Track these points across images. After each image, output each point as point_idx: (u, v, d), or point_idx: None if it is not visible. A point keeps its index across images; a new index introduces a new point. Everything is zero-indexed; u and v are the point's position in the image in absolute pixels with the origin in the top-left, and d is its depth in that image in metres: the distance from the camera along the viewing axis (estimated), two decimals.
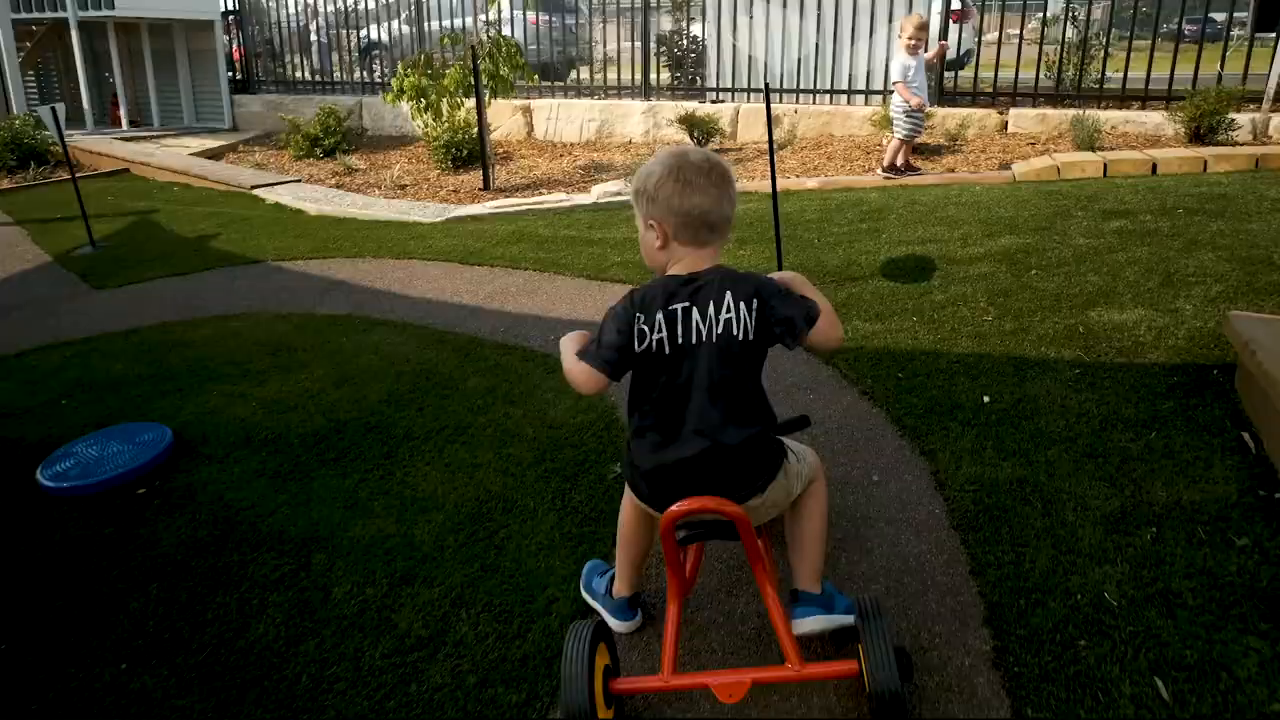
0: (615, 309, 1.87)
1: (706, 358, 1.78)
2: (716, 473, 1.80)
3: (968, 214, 5.64)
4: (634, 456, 1.91)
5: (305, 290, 5.36)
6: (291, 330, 4.63)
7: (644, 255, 1.94)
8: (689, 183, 1.81)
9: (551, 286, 5.14)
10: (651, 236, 1.86)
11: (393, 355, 4.20)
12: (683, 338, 1.79)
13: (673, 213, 1.82)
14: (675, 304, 1.79)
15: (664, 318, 1.79)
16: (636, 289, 1.87)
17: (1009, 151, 7.56)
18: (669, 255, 1.86)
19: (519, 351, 4.14)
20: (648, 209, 1.85)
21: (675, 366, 1.80)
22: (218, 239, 6.71)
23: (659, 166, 1.85)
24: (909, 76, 6.80)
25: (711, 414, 1.79)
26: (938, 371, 3.49)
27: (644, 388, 1.86)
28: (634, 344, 1.80)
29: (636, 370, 1.86)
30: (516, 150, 10.07)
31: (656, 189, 1.83)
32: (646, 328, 1.80)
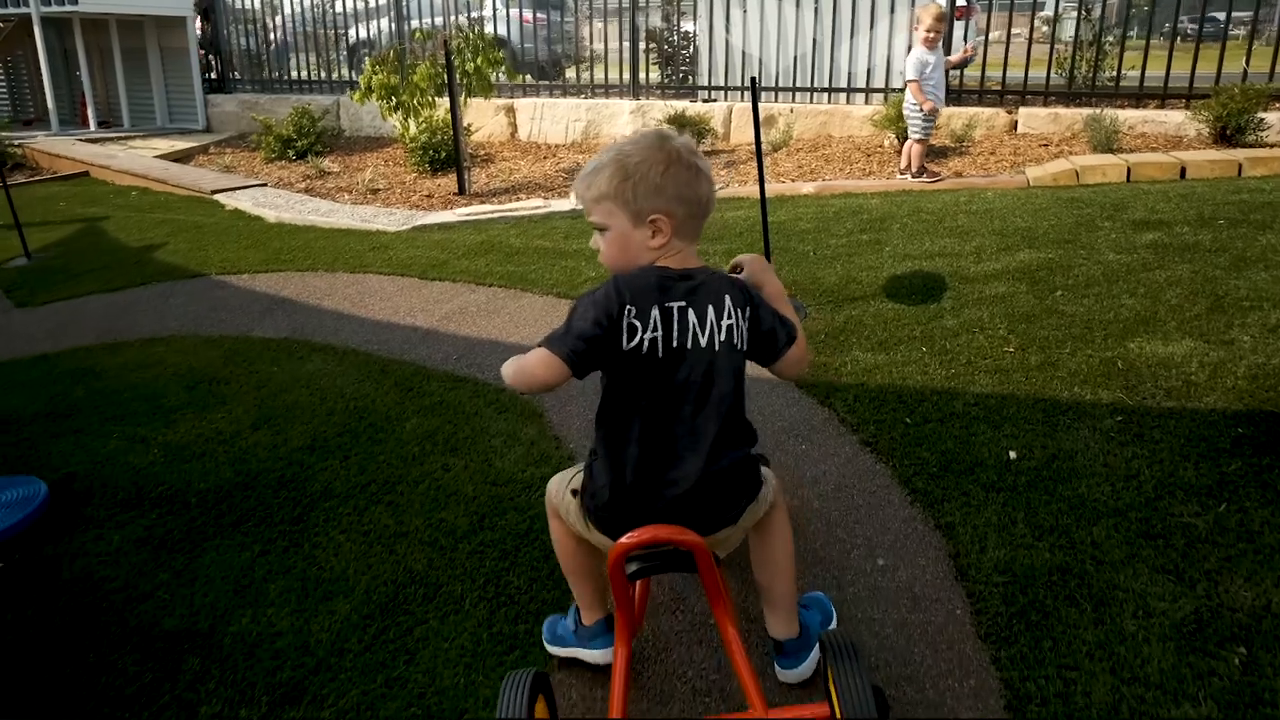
0: (594, 296, 1.59)
1: (706, 367, 1.57)
2: (702, 499, 1.61)
3: (980, 224, 5.10)
4: (601, 476, 1.66)
5: (244, 309, 4.83)
6: (219, 358, 4.10)
7: (618, 262, 1.65)
8: (694, 166, 1.61)
9: (516, 306, 4.61)
10: (645, 235, 1.60)
11: (326, 389, 3.67)
12: (678, 341, 1.56)
13: (684, 201, 1.59)
14: (671, 301, 1.57)
15: (660, 315, 1.55)
16: (621, 275, 1.60)
17: (1020, 154, 7.03)
18: (660, 255, 1.62)
19: (469, 385, 3.61)
20: (645, 201, 1.58)
21: (668, 373, 1.57)
22: (163, 249, 6.18)
23: (649, 150, 1.60)
24: (925, 74, 6.23)
25: (706, 431, 1.59)
26: (953, 417, 2.96)
27: (625, 395, 1.61)
28: (621, 340, 1.55)
29: (616, 373, 1.61)
30: (498, 152, 9.55)
31: (661, 176, 1.58)
32: (638, 323, 1.55)
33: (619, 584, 1.61)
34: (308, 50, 11.96)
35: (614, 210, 1.61)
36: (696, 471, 1.58)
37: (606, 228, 1.64)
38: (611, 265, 1.66)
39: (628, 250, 1.63)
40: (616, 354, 1.56)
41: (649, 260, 1.62)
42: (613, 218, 1.62)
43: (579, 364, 1.58)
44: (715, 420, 1.59)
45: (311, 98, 11.34)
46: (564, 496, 1.82)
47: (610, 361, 1.58)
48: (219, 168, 9.62)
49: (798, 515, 2.52)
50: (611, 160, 1.62)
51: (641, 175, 1.58)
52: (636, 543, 1.52)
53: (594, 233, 1.68)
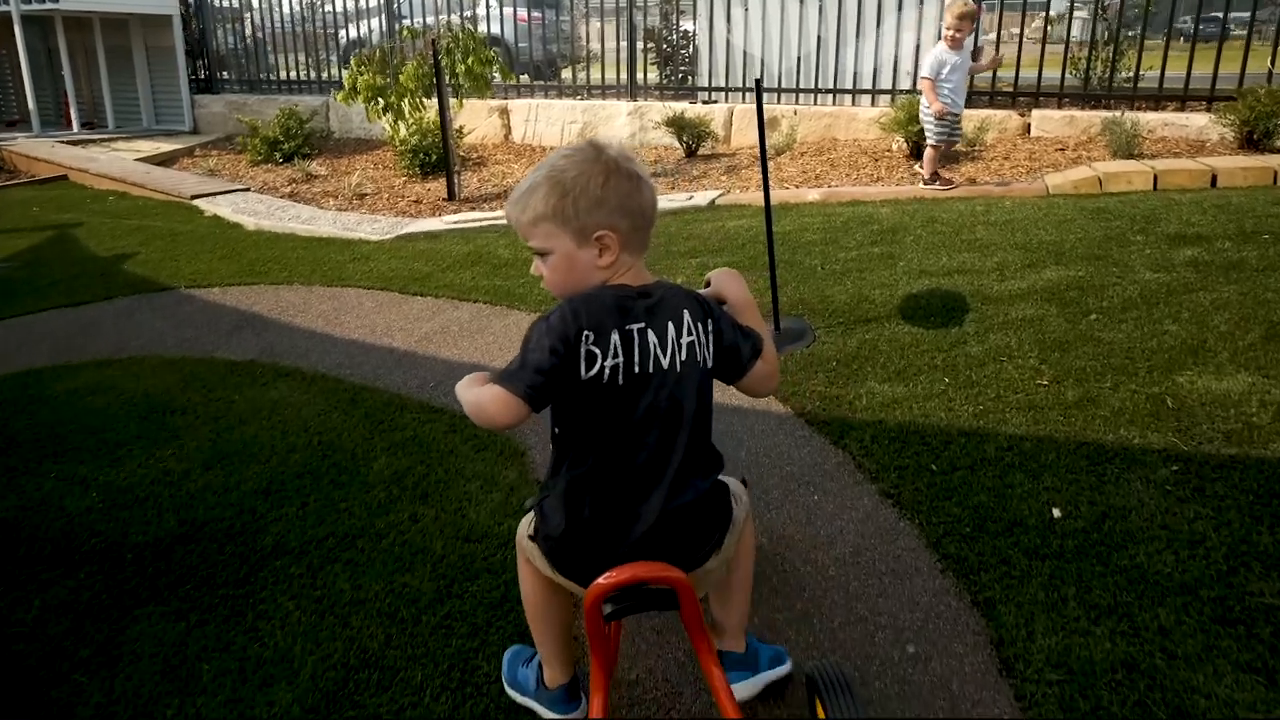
0: (548, 323, 1.47)
1: (669, 391, 1.47)
2: (669, 534, 1.50)
3: (1001, 236, 4.76)
4: (555, 514, 1.54)
5: (212, 326, 4.51)
6: (177, 383, 3.77)
7: (566, 287, 1.52)
8: (634, 175, 1.49)
9: (501, 324, 4.29)
10: (591, 255, 1.48)
11: (289, 421, 3.34)
12: (640, 366, 1.46)
13: (628, 213, 1.48)
14: (631, 323, 1.46)
15: (620, 340, 1.45)
16: (574, 297, 1.48)
17: (1036, 158, 6.70)
18: (610, 274, 1.50)
19: (445, 417, 3.28)
20: (588, 216, 1.46)
21: (629, 401, 1.47)
22: (134, 260, 5.85)
23: (585, 163, 1.48)
24: (941, 74, 5.87)
25: (670, 461, 1.49)
26: (984, 463, 2.63)
27: (582, 426, 1.50)
28: (578, 369, 1.44)
29: (572, 404, 1.49)
30: (491, 155, 9.23)
31: (602, 188, 1.46)
32: (597, 349, 1.44)
33: (595, 627, 1.48)
34: (296, 50, 11.63)
35: (554, 231, 1.48)
36: (660, 505, 1.48)
37: (548, 251, 1.50)
38: (560, 291, 1.53)
39: (574, 272, 1.50)
40: (574, 383, 1.45)
41: (599, 281, 1.50)
42: (554, 239, 1.48)
43: (538, 399, 1.46)
44: (680, 448, 1.49)
45: (301, 98, 11.02)
46: (526, 541, 1.69)
47: (567, 391, 1.47)
48: (203, 171, 9.30)
49: (812, 583, 2.20)
50: (545, 178, 1.48)
51: (580, 189, 1.45)
52: (616, 583, 1.41)
53: (535, 257, 1.55)
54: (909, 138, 6.88)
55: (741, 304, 1.64)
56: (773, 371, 1.61)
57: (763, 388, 1.62)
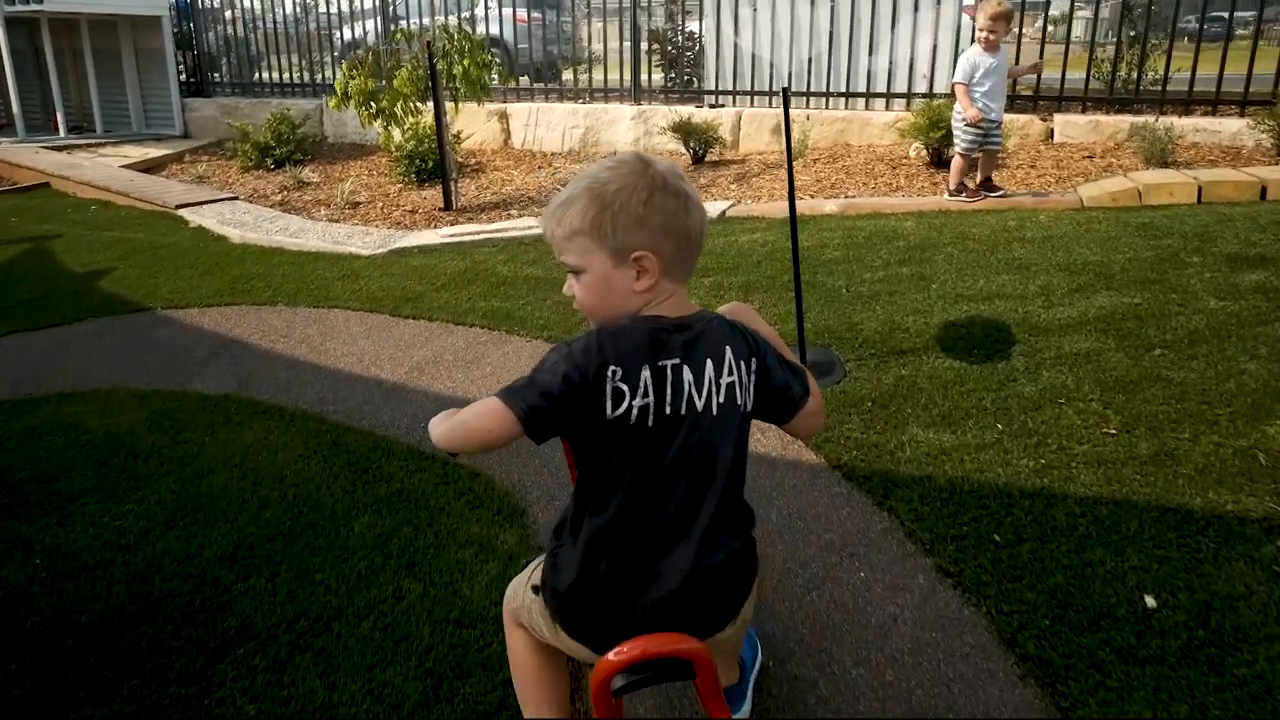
0: (571, 347, 1.33)
1: (703, 436, 1.33)
2: (692, 599, 1.35)
3: (1040, 255, 4.40)
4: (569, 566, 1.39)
5: (187, 353, 4.17)
6: (143, 422, 3.43)
7: (599, 310, 1.38)
8: (682, 193, 1.35)
9: (500, 353, 3.95)
10: (628, 277, 1.34)
11: (263, 470, 3.00)
12: (672, 406, 1.32)
13: (672, 235, 1.34)
14: (665, 359, 1.32)
15: (651, 377, 1.31)
16: (604, 328, 1.35)
17: (1064, 166, 6.36)
18: (649, 299, 1.36)
19: (436, 466, 2.94)
20: (626, 235, 1.32)
21: (658, 446, 1.33)
22: (110, 276, 5.51)
23: (629, 176, 1.34)
24: (975, 78, 5.51)
25: (701, 514, 1.34)
26: (1055, 533, 2.29)
27: (605, 471, 1.35)
28: (603, 407, 1.30)
29: (595, 445, 1.35)
30: (490, 161, 8.90)
31: (644, 205, 1.31)
32: (625, 387, 1.30)
33: (604, 705, 1.33)
34: (290, 52, 11.29)
35: (590, 248, 1.34)
36: (687, 564, 1.34)
37: (582, 270, 1.37)
38: (591, 314, 1.40)
39: (609, 296, 1.36)
40: (598, 423, 1.31)
41: (636, 307, 1.36)
42: (589, 257, 1.35)
43: (536, 424, 1.31)
44: (712, 500, 1.35)
45: (294, 101, 10.68)
46: (524, 596, 1.55)
47: (588, 431, 1.33)
48: (191, 178, 8.96)
49: (868, 691, 1.85)
50: (585, 190, 1.35)
51: (621, 205, 1.32)
52: (627, 660, 1.28)
53: (568, 276, 1.41)
54: (929, 144, 6.54)
55: (770, 340, 1.48)
56: (820, 408, 1.50)
57: (811, 427, 1.51)
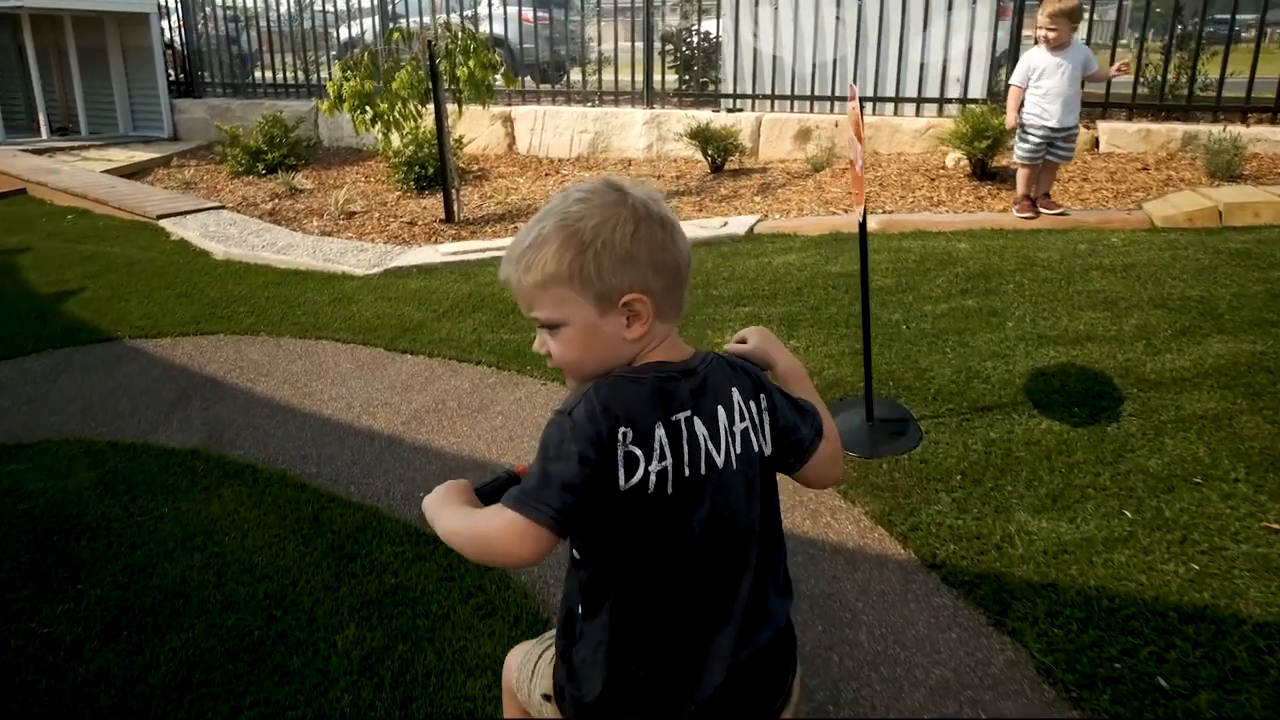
0: (571, 420, 1.10)
1: (728, 496, 1.14)
2: (747, 688, 1.17)
3: (1127, 288, 3.86)
4: (594, 676, 1.16)
5: (153, 395, 3.66)
6: (94, 487, 2.92)
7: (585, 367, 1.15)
8: (666, 221, 1.15)
9: (511, 399, 3.43)
10: (617, 325, 1.13)
11: (230, 556, 2.49)
12: (691, 467, 1.12)
13: (662, 271, 1.14)
14: (677, 412, 1.12)
15: (666, 435, 1.10)
16: (601, 384, 1.12)
17: (1119, 180, 5.85)
18: (641, 347, 1.15)
19: (438, 554, 2.42)
20: (614, 276, 1.10)
21: (682, 514, 1.12)
22: (77, 298, 5.00)
23: (607, 208, 1.12)
24: (1032, 79, 4.98)
25: (740, 589, 1.15)
26: (1238, 676, 1.78)
27: (623, 552, 1.14)
28: (615, 478, 1.08)
29: (608, 523, 1.11)
30: (494, 167, 8.39)
31: (631, 239, 1.11)
32: (639, 450, 1.09)
33: None
34: (284, 51, 10.77)
35: (569, 297, 1.12)
36: (731, 649, 1.14)
37: (561, 323, 1.14)
38: (575, 372, 1.18)
39: (595, 349, 1.15)
40: (611, 496, 1.08)
41: (627, 357, 1.15)
42: (569, 308, 1.13)
43: (567, 525, 1.08)
44: (750, 571, 1.15)
45: (288, 103, 10.17)
46: (532, 696, 1.34)
47: (599, 508, 1.09)
48: (178, 184, 8.46)
49: None
50: (557, 228, 1.13)
51: (604, 242, 1.11)
52: None
53: (538, 330, 1.19)
54: (973, 155, 6.03)
55: (792, 372, 1.33)
56: (836, 455, 1.29)
57: (828, 476, 1.30)
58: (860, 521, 2.41)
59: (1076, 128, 5.14)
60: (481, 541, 1.14)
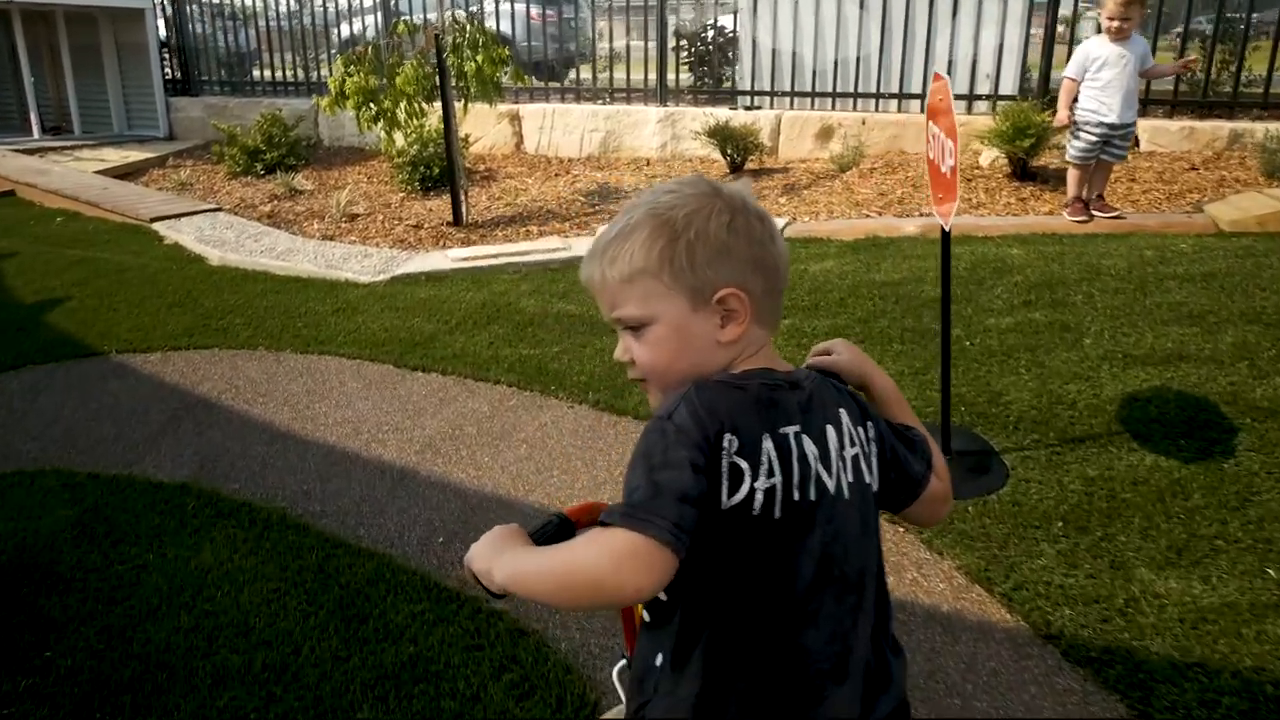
0: (672, 424, 0.93)
1: (838, 529, 0.97)
2: None
3: (1212, 300, 3.51)
4: None
5: (140, 418, 3.33)
6: (71, 528, 2.59)
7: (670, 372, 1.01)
8: (765, 216, 1.03)
9: (536, 424, 3.10)
10: (709, 325, 0.99)
11: (224, 616, 2.16)
12: (801, 490, 0.95)
13: (762, 269, 1.01)
14: (784, 425, 0.96)
15: (775, 449, 0.94)
16: (700, 385, 0.96)
17: (1169, 180, 5.53)
18: (736, 354, 1.01)
19: (464, 613, 2.09)
20: (710, 269, 0.98)
21: (791, 546, 0.95)
22: (63, 308, 4.67)
23: (701, 198, 1.01)
24: (1088, 71, 4.63)
25: (854, 641, 0.98)
26: None
27: (719, 590, 0.96)
28: (720, 493, 0.92)
29: (705, 549, 0.92)
30: (501, 167, 8.06)
31: (729, 231, 0.99)
32: (744, 463, 0.93)
33: None
34: (283, 49, 10.43)
35: (659, 291, 0.99)
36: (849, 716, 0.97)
37: (648, 321, 1.00)
38: (661, 380, 1.01)
39: (686, 353, 1.00)
40: (711, 517, 0.91)
41: (720, 365, 1.00)
42: (658, 303, 0.99)
43: (686, 543, 0.89)
44: (866, 620, 0.99)
45: (287, 101, 9.84)
46: None
47: (701, 531, 0.91)
48: (173, 185, 8.13)
49: None
50: (647, 215, 1.00)
51: (698, 231, 0.98)
52: None
53: (620, 334, 1.03)
54: (1013, 155, 5.70)
55: (891, 394, 1.14)
56: (947, 494, 1.12)
57: (937, 514, 1.13)
58: (953, 578, 2.09)
59: (1134, 125, 4.82)
60: (580, 576, 0.91)
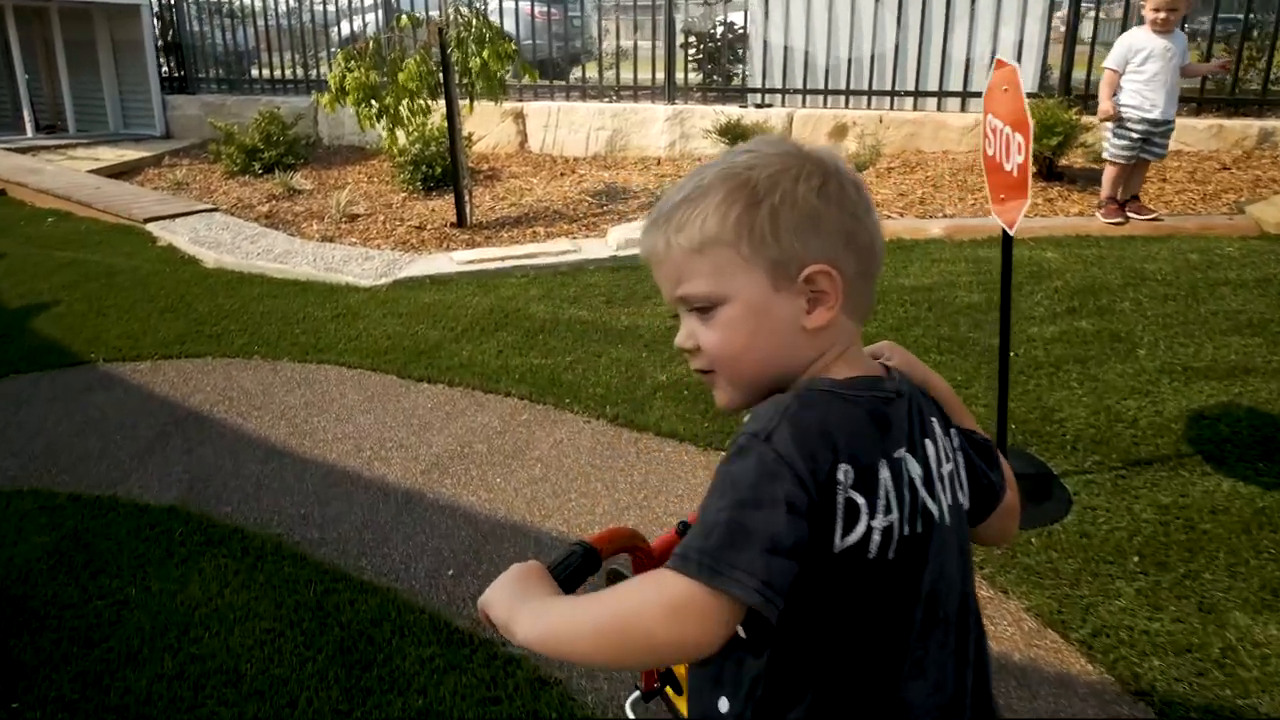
0: (771, 447, 0.77)
1: (943, 564, 0.85)
2: None
3: (1270, 306, 3.28)
4: None
5: (127, 433, 3.11)
6: (47, 556, 2.38)
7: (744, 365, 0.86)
8: (860, 184, 0.87)
9: (551, 440, 2.89)
10: (795, 307, 0.83)
11: (212, 658, 1.95)
12: (911, 522, 0.82)
13: (855, 246, 0.84)
14: (896, 447, 0.84)
15: (891, 478, 0.81)
16: (805, 398, 0.81)
17: (1200, 179, 5.33)
18: (825, 346, 0.85)
19: (476, 663, 1.88)
20: (795, 240, 0.82)
21: (905, 588, 0.83)
22: (49, 313, 4.46)
23: (785, 158, 0.84)
24: (1130, 63, 4.41)
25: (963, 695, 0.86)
26: None
27: (826, 632, 0.82)
28: (833, 534, 0.78)
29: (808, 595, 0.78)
30: (505, 166, 7.86)
31: (820, 197, 0.82)
32: (862, 499, 0.79)
33: None
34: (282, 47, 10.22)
35: (734, 263, 0.82)
36: None
37: (719, 300, 0.84)
38: (732, 372, 0.86)
39: (763, 338, 0.84)
40: (819, 561, 0.77)
41: (804, 359, 0.85)
42: (732, 278, 0.83)
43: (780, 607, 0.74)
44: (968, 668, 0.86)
45: (286, 99, 9.63)
46: None
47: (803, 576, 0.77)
48: (169, 185, 7.93)
49: None
50: (721, 176, 0.84)
51: (785, 194, 0.82)
52: None
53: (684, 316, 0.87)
54: (1040, 154, 5.50)
55: (953, 401, 0.99)
56: (1017, 506, 1.00)
57: (1008, 531, 1.00)
58: (1022, 621, 1.88)
59: (1174, 122, 4.61)
60: (631, 634, 0.76)
